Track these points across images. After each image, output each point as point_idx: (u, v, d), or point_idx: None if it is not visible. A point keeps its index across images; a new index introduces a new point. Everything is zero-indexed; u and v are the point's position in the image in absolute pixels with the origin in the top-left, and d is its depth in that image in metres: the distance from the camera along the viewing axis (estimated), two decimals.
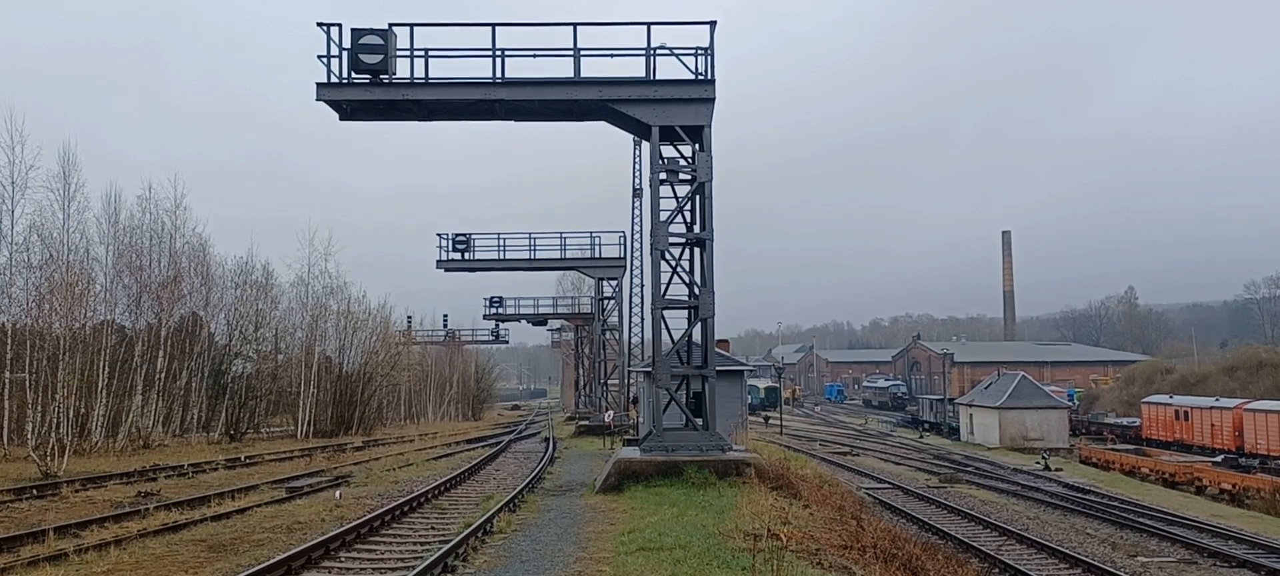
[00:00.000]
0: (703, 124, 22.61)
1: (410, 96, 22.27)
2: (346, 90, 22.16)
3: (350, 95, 22.22)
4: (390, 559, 14.67)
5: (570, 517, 18.14)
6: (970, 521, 28.15)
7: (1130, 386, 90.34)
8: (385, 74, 21.99)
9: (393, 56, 22.01)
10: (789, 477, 22.32)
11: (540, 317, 70.63)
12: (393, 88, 22.14)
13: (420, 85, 22.25)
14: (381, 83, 22.11)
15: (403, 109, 22.81)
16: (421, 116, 23.72)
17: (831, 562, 13.44)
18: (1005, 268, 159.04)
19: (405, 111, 23.12)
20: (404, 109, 22.80)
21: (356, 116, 23.25)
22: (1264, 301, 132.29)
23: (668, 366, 22.71)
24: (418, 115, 23.57)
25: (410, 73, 22.18)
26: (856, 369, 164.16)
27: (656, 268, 22.73)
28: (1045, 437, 64.56)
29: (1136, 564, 22.48)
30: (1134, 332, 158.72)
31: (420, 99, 22.37)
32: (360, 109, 22.81)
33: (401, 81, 22.17)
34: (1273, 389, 67.29)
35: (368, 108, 22.79)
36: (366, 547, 15.60)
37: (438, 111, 23.45)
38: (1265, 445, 52.67)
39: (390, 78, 22.07)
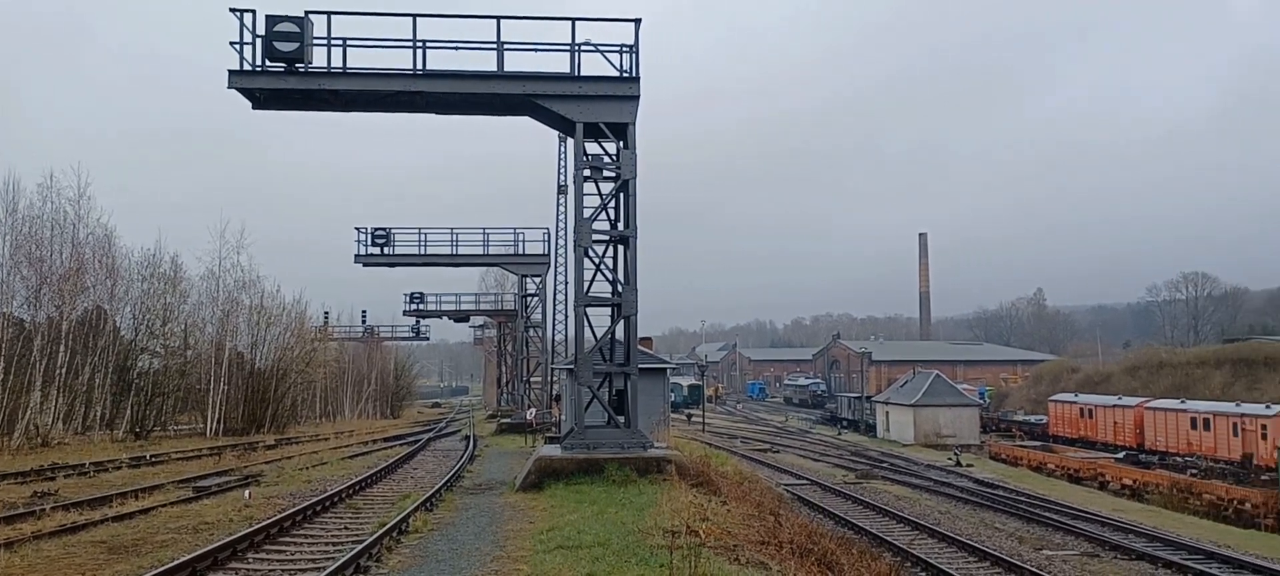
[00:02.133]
0: (627, 121, 22.58)
1: (327, 86, 21.76)
2: (259, 78, 21.55)
3: (263, 84, 21.61)
4: (301, 559, 14.31)
5: (489, 516, 17.94)
6: (884, 516, 28.69)
7: (1038, 385, 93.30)
8: (301, 63, 21.42)
9: (309, 45, 21.46)
10: (709, 475, 22.43)
11: (462, 314, 69.89)
12: (309, 77, 21.59)
13: (338, 75, 21.76)
14: (297, 72, 21.54)
15: (319, 99, 22.29)
16: (339, 107, 23.22)
17: (749, 558, 13.53)
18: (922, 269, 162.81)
19: (322, 101, 22.59)
20: (320, 99, 22.28)
21: (270, 105, 22.63)
22: (1164, 304, 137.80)
23: (590, 364, 22.63)
24: (335, 106, 23.07)
25: (327, 62, 21.66)
26: (778, 367, 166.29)
27: (580, 265, 22.63)
28: (957, 434, 66.22)
29: (1042, 557, 23.17)
30: (1042, 333, 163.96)
31: (337, 89, 21.88)
32: (273, 98, 22.22)
33: (318, 71, 21.64)
34: (1172, 388, 70.11)
35: (282, 97, 22.21)
36: (276, 548, 15.19)
37: (356, 102, 22.97)
38: (1164, 442, 54.86)
39: (306, 67, 21.51)
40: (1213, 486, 38.77)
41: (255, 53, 21.42)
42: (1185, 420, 53.84)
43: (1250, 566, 22.15)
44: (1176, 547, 24.83)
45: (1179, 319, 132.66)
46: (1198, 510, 36.47)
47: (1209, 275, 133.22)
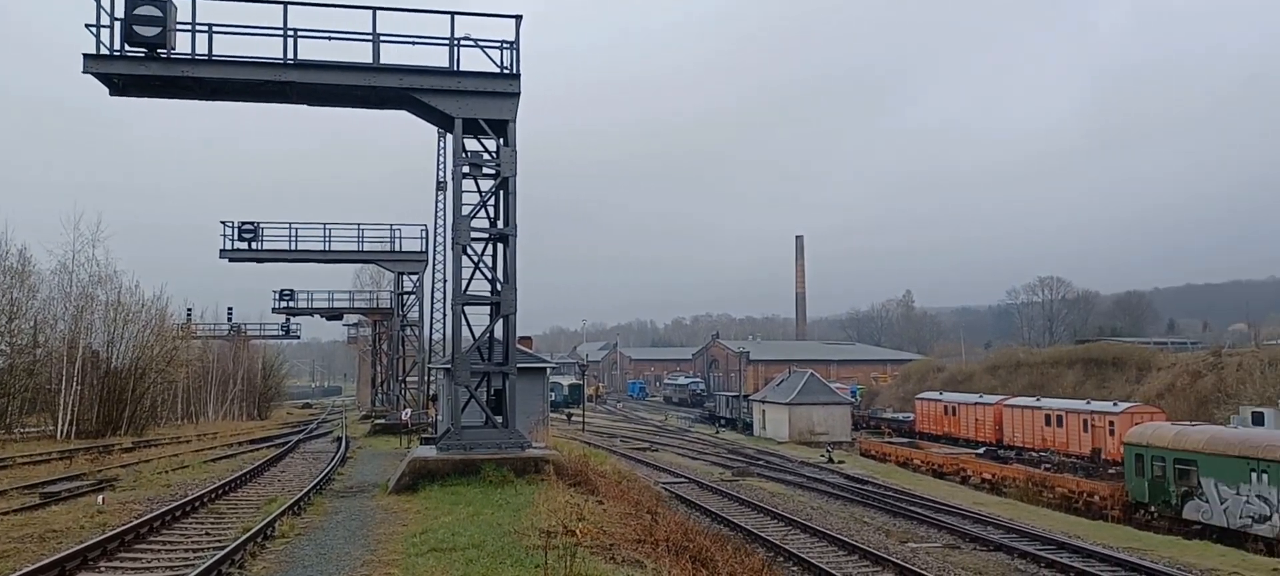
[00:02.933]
0: (508, 119, 22.39)
1: (191, 74, 20.83)
2: (118, 64, 20.48)
3: (122, 70, 20.55)
4: (158, 567, 13.66)
5: (360, 519, 17.51)
6: (759, 512, 29.26)
7: (907, 383, 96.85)
8: (163, 48, 20.45)
9: (172, 30, 20.51)
10: (588, 474, 22.45)
11: (335, 312, 67.94)
12: (171, 64, 20.64)
13: (203, 62, 20.85)
14: (159, 58, 20.56)
15: (182, 86, 21.30)
16: (204, 95, 22.25)
17: (625, 557, 13.58)
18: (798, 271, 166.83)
19: (185, 89, 21.60)
20: (184, 86, 21.29)
21: (130, 92, 21.50)
22: (1023, 306, 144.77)
23: (468, 363, 22.33)
24: (200, 94, 22.09)
25: (191, 49, 20.73)
26: (659, 366, 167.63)
27: (458, 263, 22.32)
28: (830, 432, 68.08)
29: (907, 549, 24.04)
30: (911, 333, 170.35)
31: (202, 77, 20.96)
32: (133, 84, 21.14)
33: (182, 57, 20.69)
34: (1029, 386, 73.78)
35: (142, 83, 21.16)
36: (131, 555, 14.46)
37: (223, 91, 22.04)
38: (1021, 438, 57.67)
39: (169, 53, 20.55)
40: (1064, 480, 40.95)
41: (113, 36, 20.34)
42: (1040, 417, 56.71)
43: (1098, 555, 23.47)
44: (1030, 538, 26.11)
45: (1036, 320, 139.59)
46: (1051, 503, 38.42)
47: (1063, 279, 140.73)
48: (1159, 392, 63.90)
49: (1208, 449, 31.63)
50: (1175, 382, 65.44)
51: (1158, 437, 34.43)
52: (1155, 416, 47.60)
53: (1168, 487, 32.85)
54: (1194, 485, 31.74)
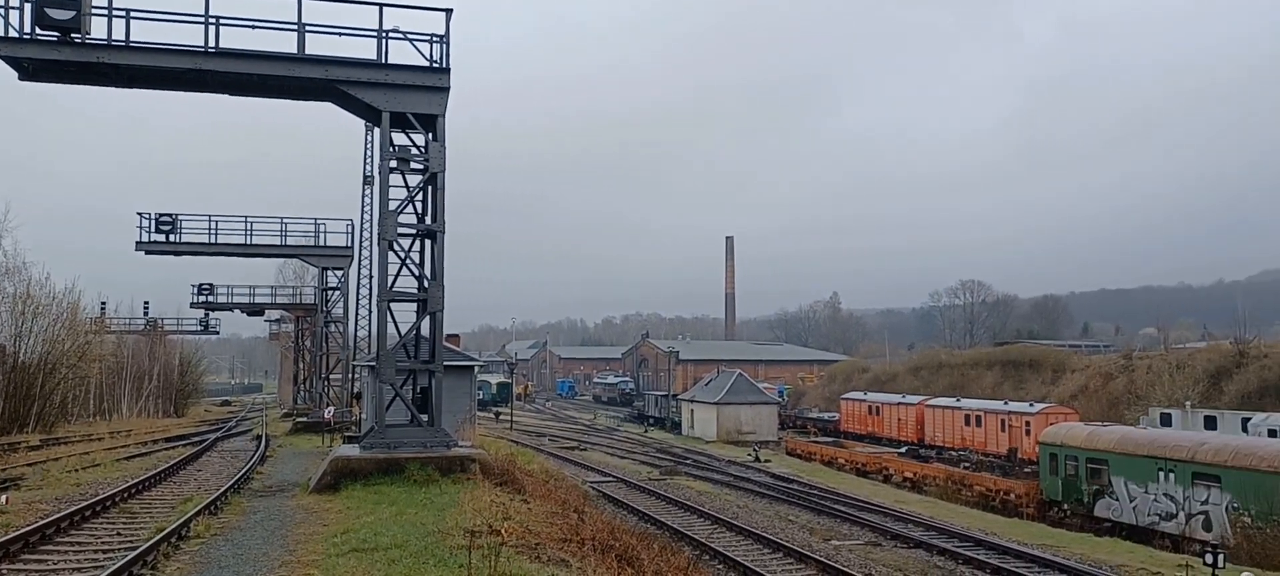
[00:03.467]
0: (437, 113, 22.13)
1: (108, 60, 20.16)
2: (28, 47, 19.73)
3: (33, 54, 19.81)
4: (65, 569, 13.18)
5: (279, 519, 17.13)
6: (686, 511, 29.41)
7: (832, 383, 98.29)
8: (77, 33, 19.75)
9: (87, 14, 19.82)
10: (515, 473, 22.31)
11: (256, 308, 66.29)
12: (86, 49, 19.95)
13: (119, 48, 20.20)
14: (72, 42, 19.84)
15: (98, 73, 20.61)
16: (121, 83, 21.58)
17: (550, 556, 13.53)
18: (728, 271, 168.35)
19: (101, 76, 20.92)
20: (100, 73, 20.61)
21: (41, 77, 20.73)
22: (945, 309, 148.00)
23: (393, 361, 22.03)
24: (117, 81, 21.43)
25: (108, 34, 20.07)
26: (588, 365, 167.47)
27: (384, 258, 22.01)
28: (757, 431, 68.77)
29: (830, 547, 24.39)
30: (837, 334, 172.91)
31: (119, 64, 20.31)
32: (45, 69, 20.38)
33: (97, 42, 20.02)
34: (950, 387, 75.47)
35: (55, 69, 20.41)
36: (36, 558, 13.92)
37: (141, 78, 21.40)
38: (942, 437, 58.97)
39: (83, 37, 19.85)
40: (983, 479, 41.98)
41: (24, 18, 19.58)
42: (960, 417, 58.04)
43: (1013, 552, 24.11)
44: (949, 535, 26.71)
45: (957, 323, 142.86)
46: (969, 500, 39.36)
47: (984, 283, 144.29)
48: (1073, 394, 65.90)
49: (1118, 449, 32.70)
50: (1089, 384, 67.57)
51: (1071, 437, 35.49)
52: (1069, 417, 49.06)
53: (1080, 486, 33.88)
54: (1105, 484, 32.79)
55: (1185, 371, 59.57)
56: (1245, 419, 43.41)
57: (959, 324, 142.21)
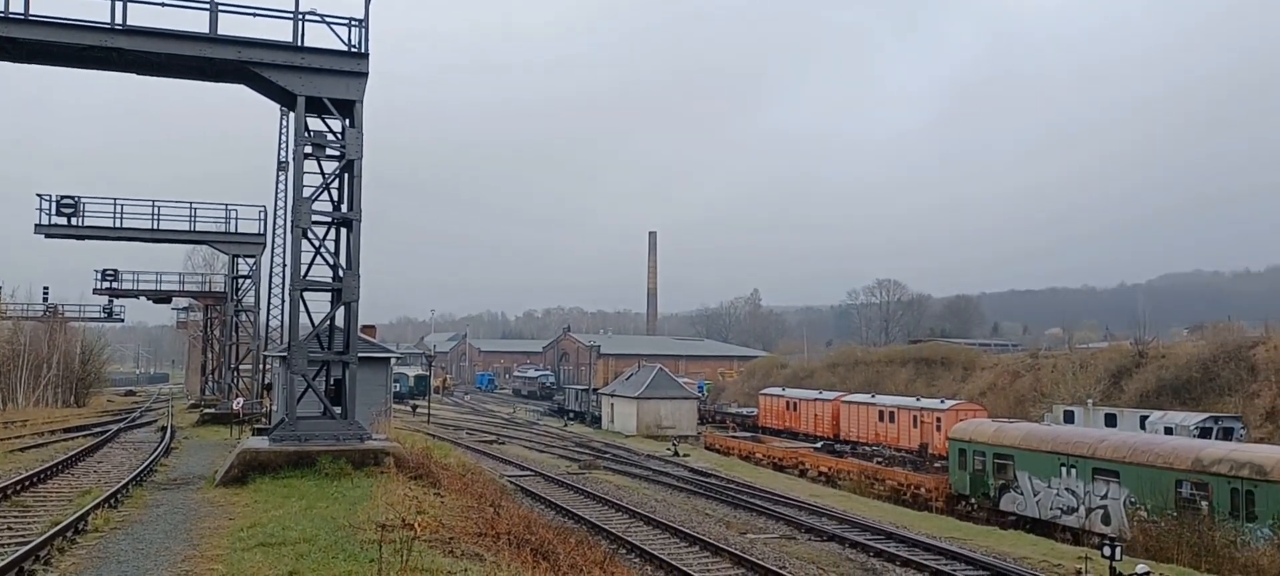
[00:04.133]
0: (355, 99, 21.67)
1: (5, 34, 19.25)
2: None
3: None
4: None
5: (183, 513, 16.60)
6: (604, 505, 29.40)
7: (752, 379, 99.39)
8: None
9: None
10: (430, 467, 22.02)
11: (164, 295, 64.00)
12: None
13: (18, 22, 19.33)
14: None
15: None
16: (20, 58, 20.63)
17: (464, 550, 13.36)
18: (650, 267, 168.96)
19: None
20: None
21: None
22: (862, 307, 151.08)
23: (305, 351, 21.51)
24: (15, 56, 20.48)
25: (4, 5, 19.16)
26: (509, 358, 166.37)
27: (298, 246, 21.48)
28: (677, 426, 69.15)
29: (745, 540, 24.63)
30: (757, 331, 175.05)
31: (17, 38, 19.45)
32: None
33: None
34: (865, 383, 76.98)
35: None
36: None
37: (42, 54, 20.49)
38: (857, 433, 60.11)
39: None
40: (894, 473, 42.91)
41: None
42: (874, 413, 59.24)
43: (921, 544, 24.66)
44: (861, 528, 27.20)
45: (873, 321, 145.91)
46: (882, 494, 40.18)
47: (899, 282, 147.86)
48: (982, 391, 67.82)
49: (1023, 444, 33.73)
50: (997, 382, 69.63)
51: (979, 433, 36.48)
52: (978, 413, 50.47)
53: (987, 480, 34.85)
54: (1011, 478, 33.78)
55: (1088, 370, 61.82)
56: (1143, 417, 45.21)
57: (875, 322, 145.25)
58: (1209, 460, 27.00)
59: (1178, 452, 28.47)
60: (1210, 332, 64.60)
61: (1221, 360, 54.36)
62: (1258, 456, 26.42)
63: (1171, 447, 29.43)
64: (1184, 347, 61.80)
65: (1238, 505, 25.40)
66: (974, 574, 21.16)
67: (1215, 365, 54.30)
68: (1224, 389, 52.29)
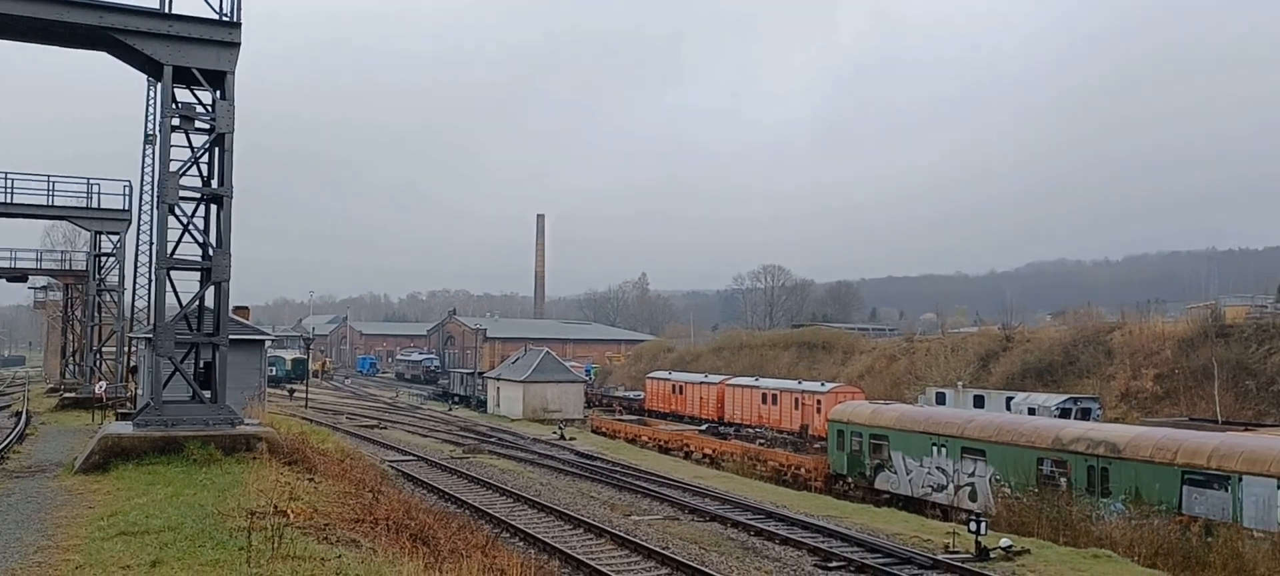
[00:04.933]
0: (226, 70, 20.73)
1: None
2: None
3: None
4: None
5: (37, 502, 15.67)
6: (488, 489, 29.15)
7: (639, 362, 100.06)
8: None
9: None
10: (306, 452, 21.37)
11: (19, 273, 60.34)
12: None
13: None
14: None
15: None
16: None
17: (340, 536, 13.01)
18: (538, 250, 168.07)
19: None
20: None
21: None
22: (747, 292, 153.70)
23: (172, 333, 20.55)
24: None
25: None
26: (392, 342, 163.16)
27: (164, 223, 20.47)
28: (564, 409, 69.08)
29: (630, 522, 24.78)
30: (645, 315, 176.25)
31: None
32: None
33: None
34: (749, 367, 78.37)
35: None
36: None
37: None
38: (741, 415, 61.19)
39: None
40: (776, 454, 43.86)
41: None
42: (757, 395, 60.40)
43: (800, 523, 25.26)
44: (743, 508, 27.69)
45: (758, 305, 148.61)
46: (764, 475, 40.99)
47: (784, 268, 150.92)
48: (861, 374, 69.92)
49: (897, 425, 34.91)
50: (875, 365, 71.87)
51: (856, 415, 37.58)
52: (856, 395, 52.01)
53: (863, 460, 35.96)
54: (886, 458, 34.93)
55: (959, 354, 64.41)
56: (1009, 398, 47.34)
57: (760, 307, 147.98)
58: (1068, 439, 28.45)
59: (1040, 432, 29.92)
60: (1071, 318, 68.17)
61: (1081, 344, 57.40)
62: (1112, 435, 27.97)
63: (1034, 427, 30.90)
64: (1047, 332, 65.02)
65: (1094, 481, 26.87)
66: (848, 550, 21.79)
67: (1075, 349, 57.31)
68: (1083, 371, 55.23)
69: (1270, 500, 22.41)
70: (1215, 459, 24.04)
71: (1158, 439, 26.46)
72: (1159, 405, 48.95)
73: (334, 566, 10.57)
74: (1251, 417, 42.75)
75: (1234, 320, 54.51)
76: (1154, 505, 24.62)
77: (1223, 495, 23.51)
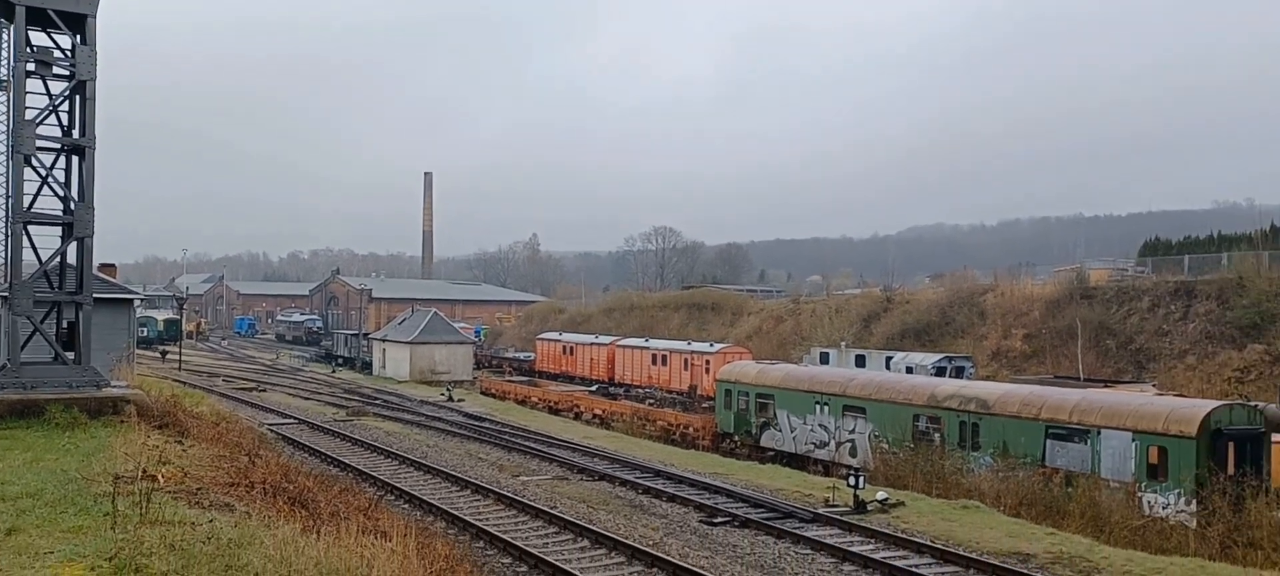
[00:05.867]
0: (86, 13, 19.58)
1: None
2: None
3: None
4: None
5: None
6: (372, 452, 28.67)
7: (529, 324, 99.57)
8: None
9: None
10: (178, 415, 20.61)
11: None
12: None
13: None
14: None
15: None
16: None
17: (213, 501, 12.59)
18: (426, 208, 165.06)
19: None
20: None
21: None
22: (638, 253, 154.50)
23: (31, 291, 19.45)
24: None
25: None
26: (272, 302, 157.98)
27: (19, 174, 19.27)
28: (452, 371, 68.24)
29: (518, 482, 24.74)
30: (536, 275, 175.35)
31: None
32: None
33: None
34: (640, 328, 78.87)
35: None
36: None
37: None
38: (631, 376, 61.59)
39: None
40: (665, 414, 44.35)
41: None
42: (647, 356, 60.88)
43: (687, 480, 25.65)
44: (632, 467, 27.95)
45: (649, 267, 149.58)
46: (653, 435, 41.41)
47: (674, 230, 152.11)
48: (749, 334, 71.20)
49: (783, 384, 35.70)
50: (762, 326, 73.30)
51: (743, 375, 38.27)
52: (744, 356, 52.89)
53: (750, 419, 36.69)
54: (771, 416, 35.71)
55: (842, 315, 66.23)
56: (888, 357, 48.90)
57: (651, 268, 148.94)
58: (942, 396, 29.61)
59: (916, 390, 31.04)
60: (948, 281, 70.76)
61: (957, 305, 59.71)
62: (983, 392, 29.24)
63: (911, 385, 32.04)
64: (925, 294, 67.40)
65: (965, 436, 28.06)
66: (733, 505, 22.24)
67: (951, 310, 59.60)
68: (959, 331, 57.51)
69: (1125, 452, 23.82)
70: (1076, 414, 25.39)
71: (1024, 395, 27.78)
72: (1027, 364, 51.39)
73: (205, 531, 10.21)
74: (1111, 375, 45.25)
75: (1098, 282, 57.48)
76: (1020, 458, 25.86)
77: (1083, 448, 24.87)
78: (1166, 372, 44.96)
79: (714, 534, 19.74)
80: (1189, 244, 60.43)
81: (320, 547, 9.61)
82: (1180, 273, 52.37)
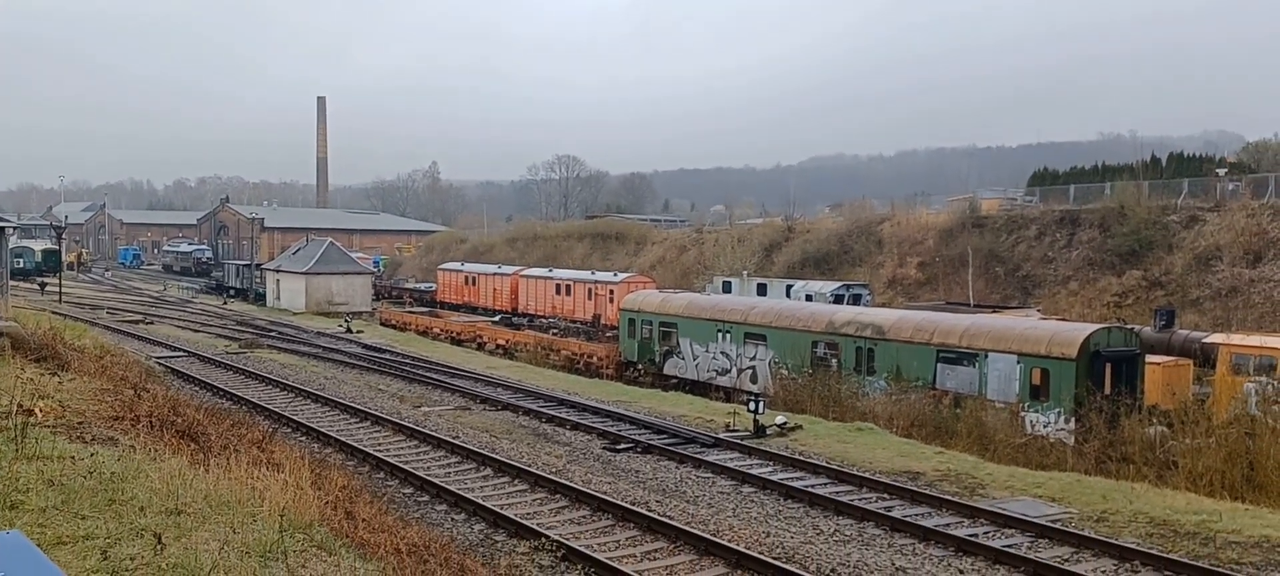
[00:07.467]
0: None
1: None
2: None
3: None
4: None
5: None
6: (267, 384, 28.01)
7: (431, 254, 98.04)
8: None
9: None
10: (57, 348, 19.64)
11: None
12: None
13: None
14: None
15: None
16: None
17: (96, 435, 12.06)
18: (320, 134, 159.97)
19: None
20: None
21: None
22: (541, 183, 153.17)
23: None
24: None
25: None
26: (158, 232, 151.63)
27: None
28: (350, 302, 66.81)
29: (419, 413, 24.48)
30: (437, 205, 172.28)
31: None
32: None
33: None
34: (543, 258, 78.38)
35: None
36: None
37: None
38: (535, 306, 61.32)
39: None
40: (569, 343, 44.39)
41: None
42: (551, 286, 60.65)
43: (590, 409, 25.79)
44: (535, 397, 27.94)
45: (553, 197, 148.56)
46: (557, 364, 41.42)
47: (578, 159, 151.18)
48: (653, 264, 71.56)
49: (685, 313, 36.03)
50: (666, 255, 73.72)
51: (646, 304, 38.49)
52: (648, 285, 53.15)
53: (653, 347, 36.99)
54: (674, 345, 36.07)
55: (745, 244, 67.06)
56: (789, 286, 49.80)
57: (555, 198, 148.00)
58: (840, 323, 30.33)
59: (815, 317, 31.72)
60: (847, 210, 72.26)
61: (855, 234, 61.06)
62: (878, 318, 30.06)
63: (810, 313, 32.72)
64: (825, 223, 68.68)
65: (861, 361, 28.86)
66: (636, 432, 22.46)
67: (850, 239, 60.93)
68: (856, 260, 58.88)
69: (1011, 374, 24.86)
70: (965, 338, 26.33)
71: (917, 321, 28.67)
72: (921, 291, 53.00)
73: (87, 465, 9.77)
74: (999, 301, 47.03)
75: (989, 212, 59.45)
76: (912, 381, 26.76)
77: (971, 371, 25.85)
78: (1051, 298, 47.02)
79: (617, 460, 19.91)
80: (1075, 174, 62.89)
81: (210, 480, 9.30)
82: (1066, 202, 54.52)
